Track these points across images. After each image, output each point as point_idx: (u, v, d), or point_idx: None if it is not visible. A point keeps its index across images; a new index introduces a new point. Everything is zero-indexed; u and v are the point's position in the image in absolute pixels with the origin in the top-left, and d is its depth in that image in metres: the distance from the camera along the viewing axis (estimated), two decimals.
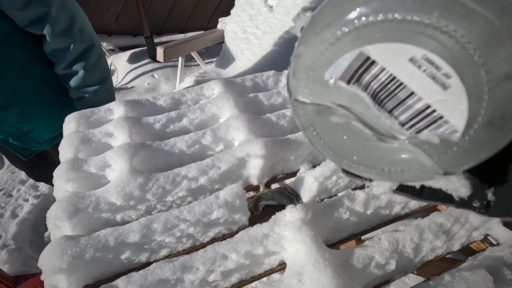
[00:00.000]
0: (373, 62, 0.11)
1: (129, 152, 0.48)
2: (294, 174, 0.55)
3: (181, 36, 2.48)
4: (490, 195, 0.16)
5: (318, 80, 0.13)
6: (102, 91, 0.77)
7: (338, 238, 0.44)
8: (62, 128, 0.78)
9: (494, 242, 0.46)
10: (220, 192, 0.44)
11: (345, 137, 0.14)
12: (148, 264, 0.39)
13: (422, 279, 0.40)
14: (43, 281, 0.38)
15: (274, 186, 0.55)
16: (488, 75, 0.10)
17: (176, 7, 2.33)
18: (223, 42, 1.42)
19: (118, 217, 0.45)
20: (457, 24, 0.09)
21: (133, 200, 0.45)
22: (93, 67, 0.73)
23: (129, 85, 2.02)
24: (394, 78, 0.11)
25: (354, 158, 0.14)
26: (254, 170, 0.51)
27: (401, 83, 0.11)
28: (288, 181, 0.55)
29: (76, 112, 0.59)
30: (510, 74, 0.10)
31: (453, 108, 0.11)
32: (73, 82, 0.74)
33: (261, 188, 0.53)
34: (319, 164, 0.51)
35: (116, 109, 0.59)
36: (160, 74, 2.09)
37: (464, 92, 0.10)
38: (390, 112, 0.12)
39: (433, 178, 0.13)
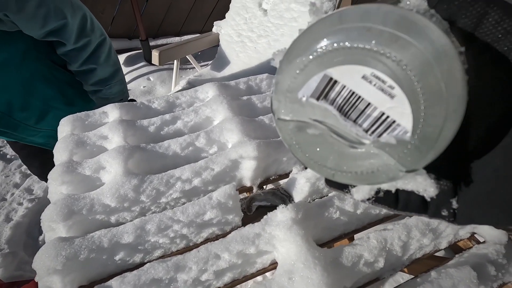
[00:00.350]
0: (335, 81, 0.14)
1: (123, 154, 0.49)
2: (286, 175, 0.56)
3: (176, 39, 2.49)
4: (454, 203, 0.17)
5: (294, 100, 0.15)
6: (116, 82, 0.79)
7: (329, 238, 0.45)
8: None
9: (481, 240, 0.47)
10: (213, 193, 0.45)
11: (323, 148, 0.16)
12: (142, 264, 0.40)
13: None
14: (37, 286, 0.38)
15: (268, 187, 0.56)
16: (420, 84, 0.13)
17: (171, 10, 2.34)
18: (218, 45, 1.43)
19: (113, 219, 0.46)
20: (390, 48, 0.13)
21: (127, 201, 0.45)
22: (105, 61, 0.75)
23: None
24: (353, 93, 0.14)
25: (333, 166, 0.16)
26: (247, 171, 0.52)
27: (359, 97, 0.14)
28: (282, 182, 0.56)
29: (71, 115, 0.59)
30: (437, 90, 0.13)
31: (401, 113, 0.13)
32: (88, 78, 0.76)
33: (255, 189, 0.54)
34: None
35: (111, 112, 0.60)
36: (156, 77, 2.09)
37: (406, 99, 0.13)
38: (354, 121, 0.15)
39: (399, 176, 0.15)
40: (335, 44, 0.13)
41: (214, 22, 1.43)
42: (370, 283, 0.41)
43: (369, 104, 0.14)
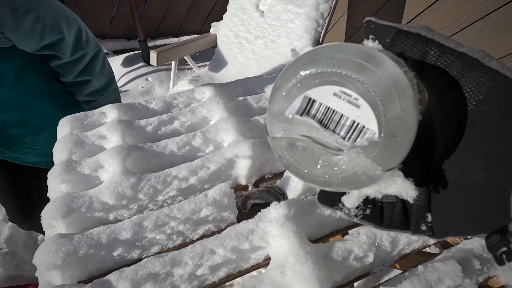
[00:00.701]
0: (314, 100, 0.17)
1: (121, 153, 0.50)
2: (281, 174, 0.57)
3: (175, 39, 2.50)
4: (429, 217, 0.19)
5: (283, 120, 0.18)
6: (110, 92, 0.78)
7: (321, 234, 0.47)
8: None
9: (469, 236, 0.48)
10: (208, 191, 0.46)
11: (311, 159, 0.19)
12: (139, 260, 0.41)
13: None
14: None
15: (264, 185, 0.57)
16: (377, 94, 0.16)
17: (169, 11, 2.35)
18: (215, 46, 1.44)
19: (111, 216, 0.47)
20: (355, 72, 0.16)
21: (125, 199, 0.47)
22: (100, 72, 0.74)
23: (123, 89, 2.03)
24: (329, 108, 0.17)
25: (322, 173, 0.19)
26: (242, 170, 0.53)
27: (334, 110, 0.17)
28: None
29: (69, 115, 0.60)
30: (390, 94, 0.16)
31: (367, 118, 0.16)
32: (83, 89, 0.75)
33: (250, 188, 0.55)
34: None
35: (109, 113, 0.61)
36: (154, 78, 2.10)
37: (369, 107, 0.16)
38: (333, 131, 0.17)
39: (376, 174, 0.17)
40: (312, 71, 0.17)
41: (212, 23, 1.45)
42: (360, 277, 0.42)
43: (342, 115, 0.17)
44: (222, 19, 1.43)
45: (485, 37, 1.08)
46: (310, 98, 0.17)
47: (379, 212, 0.20)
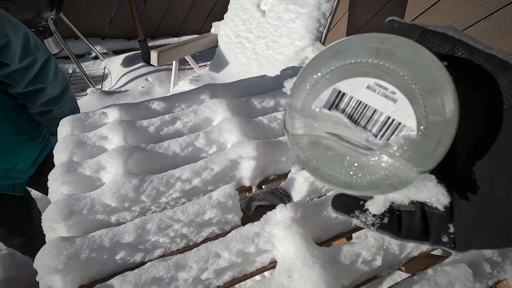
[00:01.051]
0: (344, 93, 0.16)
1: (123, 154, 0.49)
2: (285, 175, 0.56)
3: (175, 39, 2.49)
4: (451, 228, 0.17)
5: (308, 115, 0.17)
6: (67, 100, 0.72)
7: (327, 237, 0.46)
8: (40, 147, 0.77)
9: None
10: (213, 193, 0.45)
11: (336, 159, 0.17)
12: (142, 264, 0.40)
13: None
14: None
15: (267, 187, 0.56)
16: (417, 87, 0.14)
17: (169, 11, 2.35)
18: (216, 46, 1.44)
19: (113, 219, 0.46)
20: (388, 61, 0.15)
21: (127, 201, 0.46)
22: (54, 79, 0.69)
23: (123, 89, 2.02)
24: (360, 102, 0.16)
25: (347, 176, 0.17)
26: (246, 171, 0.52)
27: (366, 105, 0.15)
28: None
29: (70, 116, 0.59)
30: (432, 88, 0.14)
31: (404, 114, 0.15)
32: (37, 98, 0.69)
33: (254, 189, 0.54)
34: None
35: (110, 113, 0.60)
36: (154, 78, 2.09)
37: (407, 101, 0.15)
38: (364, 127, 0.16)
39: (411, 176, 0.16)
40: (342, 62, 0.15)
41: (213, 23, 1.44)
42: (368, 281, 0.41)
43: (375, 110, 0.15)
44: (222, 19, 1.42)
45: (488, 37, 1.07)
46: (339, 91, 0.16)
47: (397, 221, 0.19)
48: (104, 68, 2.22)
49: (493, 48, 0.15)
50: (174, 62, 1.32)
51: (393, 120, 0.15)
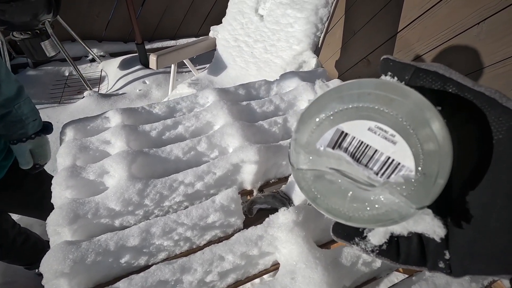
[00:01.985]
0: (346, 134, 0.17)
1: (127, 159, 0.50)
2: (286, 178, 0.57)
3: (172, 42, 2.49)
4: (447, 254, 0.18)
5: (312, 151, 0.18)
6: (25, 100, 0.69)
7: (329, 239, 0.47)
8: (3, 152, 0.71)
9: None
10: (216, 197, 0.46)
11: (339, 193, 0.18)
12: (147, 267, 0.41)
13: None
14: None
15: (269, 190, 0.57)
16: (415, 132, 0.16)
17: (166, 14, 2.35)
18: (215, 49, 1.45)
19: (117, 223, 0.47)
20: (388, 106, 0.16)
21: (131, 205, 0.46)
22: (7, 77, 0.66)
23: (120, 91, 2.02)
24: (362, 142, 0.17)
25: (349, 209, 0.18)
26: (248, 175, 0.53)
27: (367, 145, 0.17)
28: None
29: (73, 120, 0.60)
30: (422, 121, 0.16)
31: (403, 155, 0.16)
32: None
33: (255, 193, 0.55)
34: None
35: (112, 117, 0.61)
36: (152, 81, 2.09)
37: (406, 144, 0.16)
38: (366, 165, 0.17)
39: (410, 212, 0.17)
40: (345, 106, 0.17)
41: (211, 27, 1.45)
42: (367, 282, 0.42)
43: (376, 150, 0.17)
44: (220, 22, 1.43)
45: (481, 42, 1.10)
46: (342, 131, 0.17)
47: (395, 247, 0.19)
48: (101, 71, 2.22)
49: (481, 86, 0.16)
50: (172, 65, 1.33)
51: (393, 160, 0.16)
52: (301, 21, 1.18)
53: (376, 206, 0.17)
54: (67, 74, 2.18)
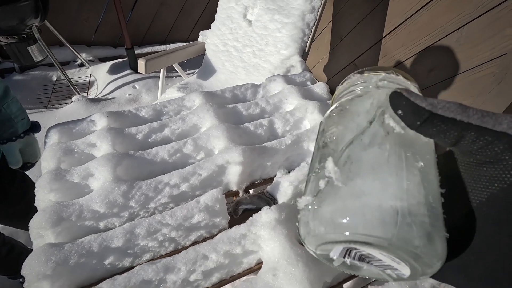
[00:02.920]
0: (356, 248, 0.18)
1: (112, 161, 0.50)
2: (271, 179, 0.58)
3: (162, 47, 2.50)
4: None
5: (323, 255, 0.20)
6: (12, 100, 0.70)
7: None
8: None
9: None
10: (200, 197, 0.47)
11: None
12: (131, 268, 0.41)
13: None
14: None
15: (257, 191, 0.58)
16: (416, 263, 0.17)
17: (156, 19, 2.36)
18: (204, 54, 1.46)
19: (101, 225, 0.47)
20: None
21: (116, 207, 0.47)
22: None
23: (109, 96, 2.01)
24: (366, 253, 0.18)
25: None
26: (233, 176, 0.54)
27: (370, 253, 0.18)
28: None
29: (58, 123, 0.60)
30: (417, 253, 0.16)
31: (403, 269, 0.18)
32: None
33: (241, 194, 0.56)
34: (293, 170, 0.55)
35: (98, 120, 0.61)
36: (142, 85, 2.09)
37: (408, 268, 0.18)
38: (369, 263, 0.19)
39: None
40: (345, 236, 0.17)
41: (200, 32, 1.46)
42: (349, 279, 0.43)
43: (380, 260, 0.18)
44: (210, 27, 1.45)
45: (461, 47, 1.14)
46: (352, 248, 0.19)
47: None
48: (90, 76, 2.20)
49: (503, 122, 0.15)
50: (162, 70, 1.33)
51: (393, 267, 0.18)
52: (289, 27, 1.21)
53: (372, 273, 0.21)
54: (54, 79, 2.16)
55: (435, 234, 0.16)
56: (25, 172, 0.83)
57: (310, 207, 0.19)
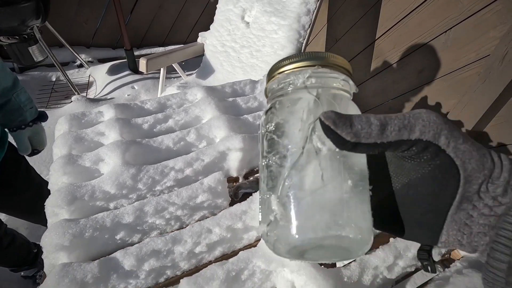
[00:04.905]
0: None
1: (121, 147, 0.54)
2: None
3: (160, 49, 2.54)
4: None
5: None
6: (21, 90, 0.73)
7: None
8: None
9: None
10: (204, 179, 0.51)
11: None
12: None
13: None
14: None
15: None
16: None
17: (155, 22, 2.40)
18: (203, 55, 1.50)
19: (111, 205, 0.50)
20: None
21: (125, 189, 0.50)
22: (3, 69, 0.69)
23: (108, 96, 2.04)
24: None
25: None
26: (234, 162, 0.58)
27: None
28: None
29: (68, 114, 0.63)
30: None
31: None
32: None
33: (240, 179, 0.60)
34: None
35: (106, 112, 0.64)
36: (140, 86, 2.12)
37: None
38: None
39: None
40: None
41: (199, 33, 1.51)
42: None
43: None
44: (208, 29, 1.50)
45: (448, 49, 1.20)
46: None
47: None
48: (89, 76, 2.23)
49: (415, 130, 0.19)
50: (162, 69, 1.37)
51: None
52: (285, 28, 1.26)
53: None
54: (54, 79, 2.18)
55: (362, 232, 0.20)
56: (30, 165, 0.86)
57: (267, 234, 0.21)
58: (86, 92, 2.11)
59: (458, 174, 0.20)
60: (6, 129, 0.71)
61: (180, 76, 2.18)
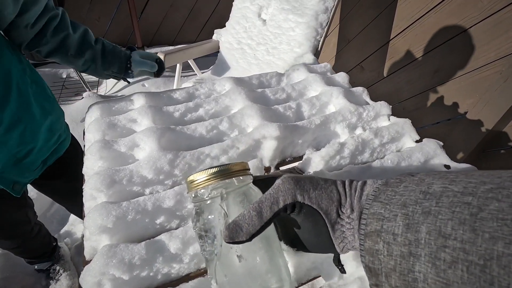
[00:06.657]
0: None
1: (156, 133, 0.53)
2: (300, 158, 0.62)
3: (170, 48, 2.55)
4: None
5: None
6: (96, 40, 0.80)
7: None
8: (56, 144, 0.78)
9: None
10: None
11: None
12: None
13: None
14: None
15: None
16: None
17: (166, 21, 2.41)
18: (218, 52, 1.50)
19: (147, 191, 0.50)
20: None
21: (162, 174, 0.50)
22: (73, 24, 0.75)
23: (119, 94, 2.04)
24: None
25: None
26: (267, 151, 0.57)
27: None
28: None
29: (98, 102, 0.63)
30: None
31: None
32: (73, 41, 0.73)
33: (272, 169, 0.59)
34: (323, 147, 0.59)
35: (136, 100, 0.64)
36: (151, 84, 2.13)
37: None
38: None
39: None
40: None
41: (215, 30, 1.51)
42: None
43: None
44: (220, 27, 1.50)
45: (466, 49, 1.20)
46: None
47: None
48: None
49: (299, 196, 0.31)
50: (178, 65, 1.37)
51: None
52: (302, 26, 1.26)
53: None
54: (64, 76, 2.19)
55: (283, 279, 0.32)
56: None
57: None
58: (97, 89, 2.11)
59: (319, 213, 0.29)
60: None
61: (191, 75, 2.19)
